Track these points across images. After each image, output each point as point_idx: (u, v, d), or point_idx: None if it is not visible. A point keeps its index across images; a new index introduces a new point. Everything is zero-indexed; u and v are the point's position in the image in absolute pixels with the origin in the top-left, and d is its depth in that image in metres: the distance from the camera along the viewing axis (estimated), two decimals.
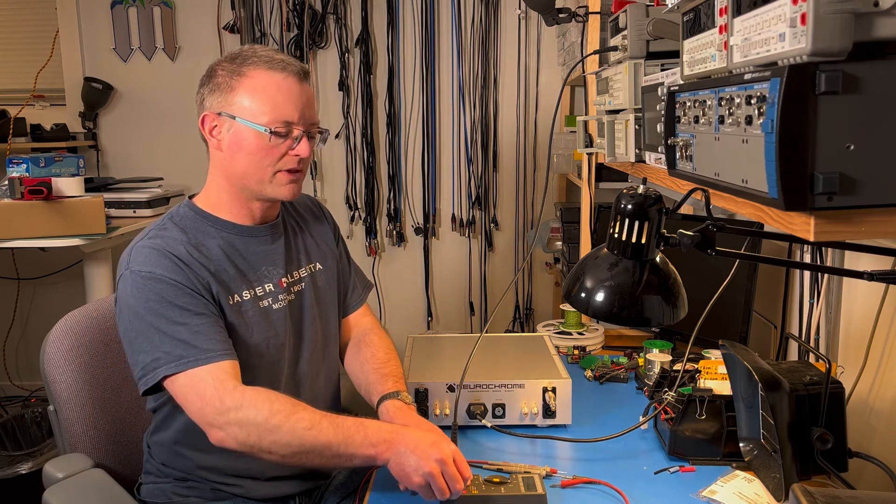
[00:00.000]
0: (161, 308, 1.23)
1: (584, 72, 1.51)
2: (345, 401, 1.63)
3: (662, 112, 0.97)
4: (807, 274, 1.54)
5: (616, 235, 0.99)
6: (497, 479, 1.17)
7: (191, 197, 1.41)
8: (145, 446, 1.44)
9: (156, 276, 1.24)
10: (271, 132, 1.29)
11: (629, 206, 0.98)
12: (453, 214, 3.37)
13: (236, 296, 1.32)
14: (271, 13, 3.30)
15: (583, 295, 1.02)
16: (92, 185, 2.79)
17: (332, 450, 1.17)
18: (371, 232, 3.39)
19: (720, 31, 0.82)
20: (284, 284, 1.40)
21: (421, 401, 1.43)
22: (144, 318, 1.23)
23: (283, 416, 1.18)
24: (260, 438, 1.17)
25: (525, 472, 1.23)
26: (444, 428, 1.44)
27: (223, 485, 1.36)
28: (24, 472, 2.43)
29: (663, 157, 1.00)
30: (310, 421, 1.18)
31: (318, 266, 1.50)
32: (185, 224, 1.35)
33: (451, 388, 1.43)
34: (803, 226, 0.68)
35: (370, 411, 1.70)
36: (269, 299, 1.37)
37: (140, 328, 1.24)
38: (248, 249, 1.38)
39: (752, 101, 0.70)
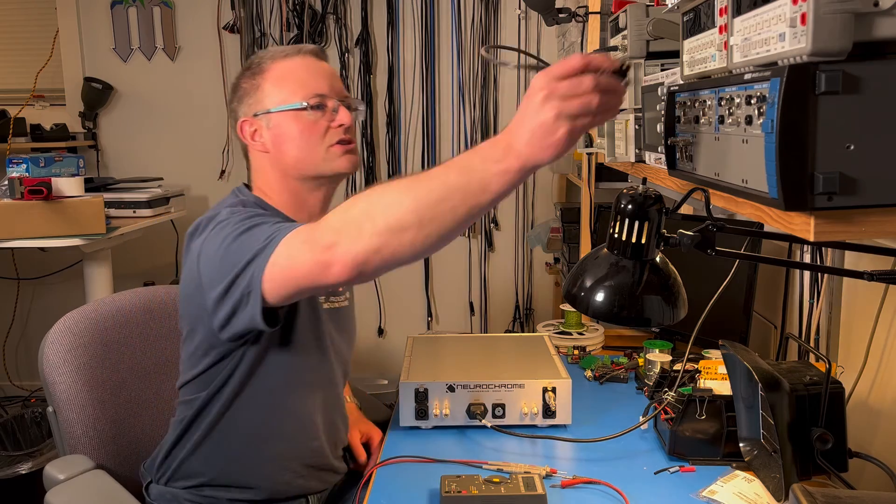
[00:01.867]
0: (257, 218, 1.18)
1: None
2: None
3: (662, 112, 0.97)
4: (807, 274, 1.54)
5: (616, 235, 0.99)
6: (497, 479, 1.17)
7: (250, 189, 1.37)
8: (166, 449, 1.37)
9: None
10: (308, 106, 1.29)
11: (629, 206, 0.98)
12: None
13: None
14: (271, 13, 3.30)
15: (583, 295, 1.02)
16: (92, 185, 2.79)
17: (453, 186, 0.93)
18: None
19: (720, 31, 0.82)
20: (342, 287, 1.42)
21: (421, 401, 1.43)
22: (242, 224, 1.16)
23: (366, 195, 0.99)
24: (372, 232, 0.95)
25: (525, 472, 1.23)
26: (443, 428, 1.45)
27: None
28: (23, 472, 2.43)
29: (663, 157, 1.00)
30: (397, 181, 0.98)
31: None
32: (258, 208, 1.30)
33: (451, 388, 1.43)
34: (803, 226, 0.68)
35: (370, 412, 1.70)
36: (333, 298, 1.41)
37: (237, 234, 1.15)
38: None
39: (752, 101, 0.70)
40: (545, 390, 1.43)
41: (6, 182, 2.45)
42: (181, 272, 1.30)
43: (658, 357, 1.63)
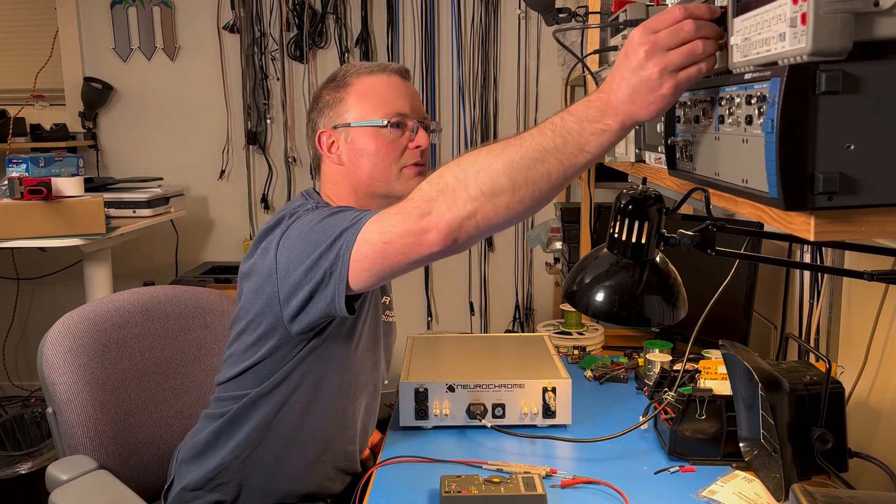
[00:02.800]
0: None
1: (583, 72, 1.51)
2: None
3: None
4: (807, 274, 1.54)
5: (616, 235, 0.99)
6: (497, 479, 1.17)
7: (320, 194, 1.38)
8: (202, 444, 1.34)
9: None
10: (389, 124, 1.29)
11: (629, 206, 0.98)
12: None
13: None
14: (271, 13, 3.30)
15: (583, 295, 1.02)
16: (91, 185, 2.79)
17: (547, 148, 0.91)
18: None
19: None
20: (387, 301, 1.46)
21: (421, 401, 1.43)
22: (328, 210, 1.18)
23: (456, 162, 0.98)
24: (466, 198, 0.95)
25: (525, 472, 1.22)
26: (443, 428, 1.45)
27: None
28: (23, 472, 2.43)
29: (663, 157, 1.00)
30: (489, 146, 0.96)
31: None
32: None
33: (451, 388, 1.43)
34: (803, 226, 0.68)
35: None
36: (388, 311, 1.44)
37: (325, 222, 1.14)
38: None
39: (753, 101, 0.70)
40: (545, 390, 1.43)
41: (6, 182, 2.45)
42: (245, 266, 1.28)
43: (658, 357, 1.63)
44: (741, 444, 1.24)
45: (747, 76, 0.71)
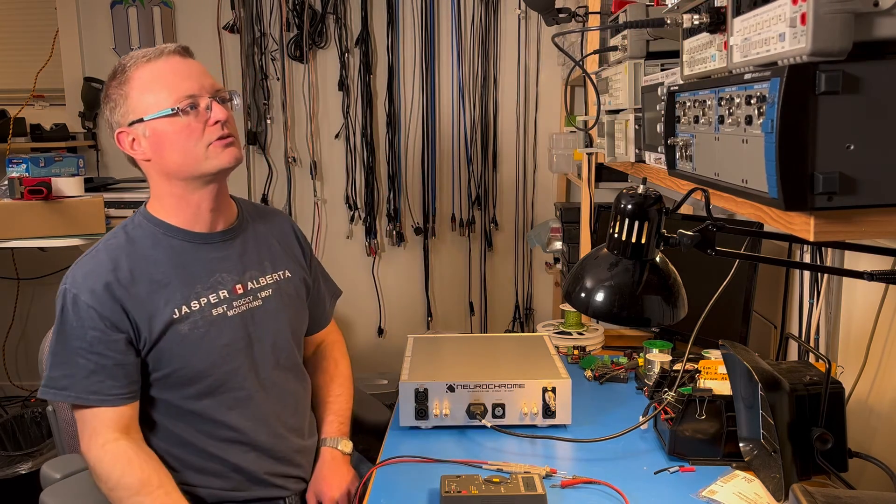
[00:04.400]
0: (74, 334, 1.27)
1: (583, 72, 1.51)
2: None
3: (662, 112, 0.97)
4: (807, 274, 1.54)
5: (616, 235, 0.99)
6: (497, 479, 1.17)
7: (146, 203, 1.40)
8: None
9: (80, 302, 1.27)
10: (180, 111, 1.28)
11: (629, 206, 0.98)
12: (453, 214, 3.36)
13: (184, 307, 1.31)
14: (271, 13, 3.29)
15: (583, 295, 1.02)
16: (92, 185, 2.79)
17: None
18: (371, 232, 3.39)
19: (720, 32, 0.82)
20: (240, 290, 1.39)
21: (421, 401, 1.43)
22: (60, 338, 1.28)
23: (124, 492, 1.24)
24: (107, 496, 1.26)
25: (525, 472, 1.22)
26: (443, 428, 1.45)
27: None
28: (23, 472, 2.44)
29: (663, 157, 1.00)
30: None
31: (287, 274, 1.48)
32: (136, 233, 1.35)
33: (450, 388, 1.43)
34: (803, 226, 0.68)
35: (370, 412, 1.70)
36: (224, 306, 1.36)
37: (55, 346, 1.29)
38: (200, 257, 1.36)
39: (752, 101, 0.70)
40: (545, 390, 1.43)
41: (6, 182, 2.45)
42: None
43: (658, 357, 1.63)
44: (741, 444, 1.24)
45: (747, 76, 0.71)
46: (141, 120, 1.30)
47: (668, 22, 0.92)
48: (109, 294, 1.26)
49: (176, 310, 1.30)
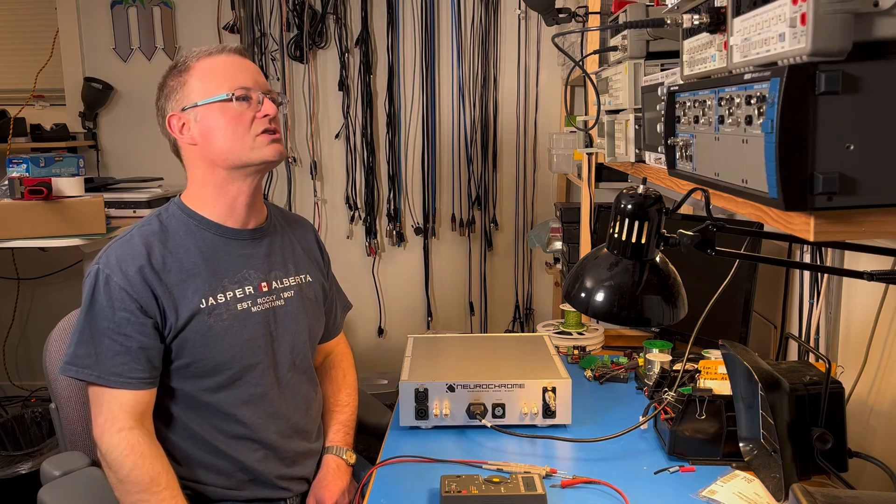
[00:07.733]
0: (103, 314, 1.27)
1: (583, 72, 1.51)
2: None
3: (662, 112, 0.97)
4: (807, 274, 1.54)
5: (616, 235, 0.99)
6: (497, 479, 1.17)
7: (181, 194, 1.43)
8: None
9: (112, 283, 1.28)
10: (234, 98, 1.33)
11: (629, 206, 0.98)
12: (453, 214, 3.37)
13: (210, 298, 1.33)
14: (271, 13, 3.30)
15: (583, 295, 1.02)
16: (92, 185, 2.79)
17: None
18: (371, 232, 3.39)
19: (720, 32, 0.82)
20: (265, 288, 1.41)
21: (421, 401, 1.43)
22: (88, 317, 1.29)
23: (132, 486, 1.24)
24: (113, 486, 1.27)
25: (525, 472, 1.23)
26: (443, 428, 1.45)
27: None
28: (23, 472, 2.43)
29: (663, 157, 1.00)
30: None
31: (308, 279, 1.51)
32: (170, 222, 1.38)
33: (450, 388, 1.43)
34: (803, 226, 0.68)
35: (370, 412, 1.70)
36: (249, 302, 1.38)
37: (81, 324, 1.30)
38: (230, 251, 1.39)
39: (752, 101, 0.70)
40: (545, 390, 1.43)
41: (6, 182, 2.45)
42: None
43: (658, 357, 1.63)
44: (741, 444, 1.24)
45: (747, 76, 0.71)
46: (195, 105, 1.34)
47: (668, 22, 0.92)
48: (141, 277, 1.28)
49: (203, 300, 1.33)
